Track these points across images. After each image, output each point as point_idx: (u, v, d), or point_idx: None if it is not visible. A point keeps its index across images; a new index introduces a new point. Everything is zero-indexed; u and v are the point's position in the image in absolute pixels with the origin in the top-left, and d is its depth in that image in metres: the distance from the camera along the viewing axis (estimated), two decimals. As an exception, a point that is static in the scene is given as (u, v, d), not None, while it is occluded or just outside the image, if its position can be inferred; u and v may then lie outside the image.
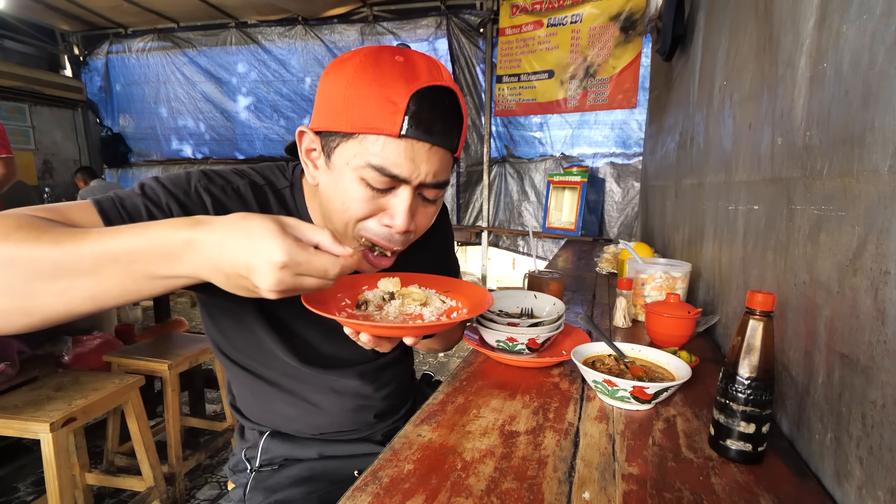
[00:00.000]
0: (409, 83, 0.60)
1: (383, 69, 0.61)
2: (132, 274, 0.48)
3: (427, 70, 0.62)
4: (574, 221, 3.83)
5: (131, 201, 0.63)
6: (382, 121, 0.60)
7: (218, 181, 0.72)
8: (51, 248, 0.47)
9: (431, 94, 0.61)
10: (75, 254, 0.47)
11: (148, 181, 0.67)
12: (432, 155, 0.64)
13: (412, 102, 0.59)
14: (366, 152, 0.62)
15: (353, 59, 0.63)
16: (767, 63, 0.86)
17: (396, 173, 0.63)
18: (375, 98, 0.60)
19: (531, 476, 0.58)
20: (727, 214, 1.10)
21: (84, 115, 5.35)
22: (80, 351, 2.02)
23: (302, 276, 0.50)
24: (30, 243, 0.47)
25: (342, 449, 0.91)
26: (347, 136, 0.63)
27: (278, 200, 0.77)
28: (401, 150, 0.61)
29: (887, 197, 0.47)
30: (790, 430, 0.70)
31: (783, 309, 0.72)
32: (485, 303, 0.74)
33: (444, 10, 4.25)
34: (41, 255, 0.46)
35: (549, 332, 0.92)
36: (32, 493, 1.94)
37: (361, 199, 0.65)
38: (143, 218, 0.62)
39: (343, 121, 0.62)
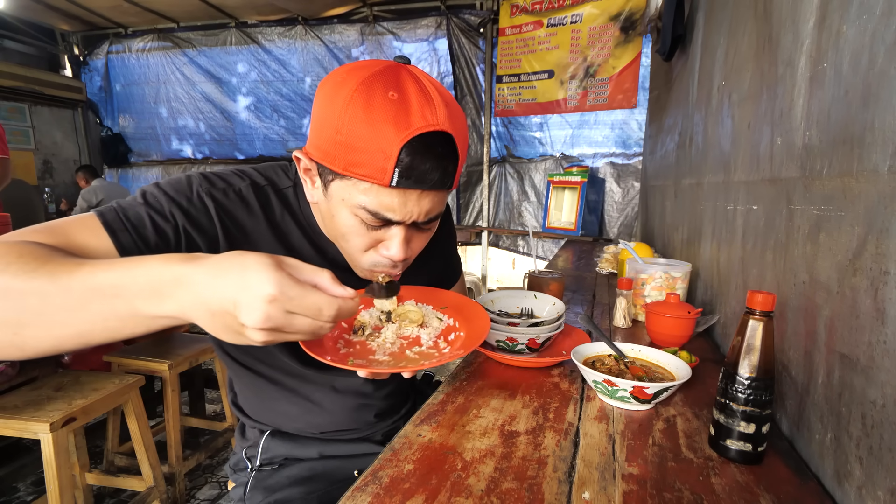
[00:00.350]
0: (400, 130, 0.57)
1: (373, 110, 0.58)
2: (116, 309, 0.46)
3: (420, 111, 0.58)
4: (574, 221, 3.83)
5: (134, 211, 0.63)
6: (373, 171, 0.59)
7: (219, 184, 0.72)
8: (44, 282, 0.46)
9: (423, 142, 0.58)
10: (65, 288, 0.46)
11: (150, 189, 0.67)
12: (423, 198, 0.63)
13: (403, 153, 0.58)
14: (359, 195, 0.62)
15: (345, 88, 0.59)
16: (767, 63, 0.86)
17: (388, 217, 0.63)
18: (365, 147, 0.58)
19: (531, 476, 0.58)
20: (726, 214, 1.10)
21: (84, 115, 5.35)
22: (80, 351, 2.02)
23: (293, 313, 0.45)
24: (25, 276, 0.46)
25: (342, 449, 0.91)
26: (340, 175, 0.63)
27: (281, 200, 0.76)
28: (392, 197, 0.61)
29: (887, 197, 0.47)
30: (790, 430, 0.70)
31: (783, 309, 0.72)
32: (483, 330, 0.74)
33: (444, 10, 4.24)
34: (34, 289, 0.46)
35: (549, 332, 0.92)
36: (32, 493, 1.94)
37: (358, 234, 0.67)
38: (148, 228, 0.62)
39: (335, 161, 0.61)
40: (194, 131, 5.25)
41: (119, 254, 0.60)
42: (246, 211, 0.72)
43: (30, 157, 4.85)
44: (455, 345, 0.75)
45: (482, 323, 0.76)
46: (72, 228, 0.58)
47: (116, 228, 0.60)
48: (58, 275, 0.46)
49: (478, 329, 0.75)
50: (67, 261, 0.49)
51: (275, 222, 0.75)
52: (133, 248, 0.61)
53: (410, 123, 0.58)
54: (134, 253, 0.61)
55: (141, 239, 0.62)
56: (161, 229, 0.64)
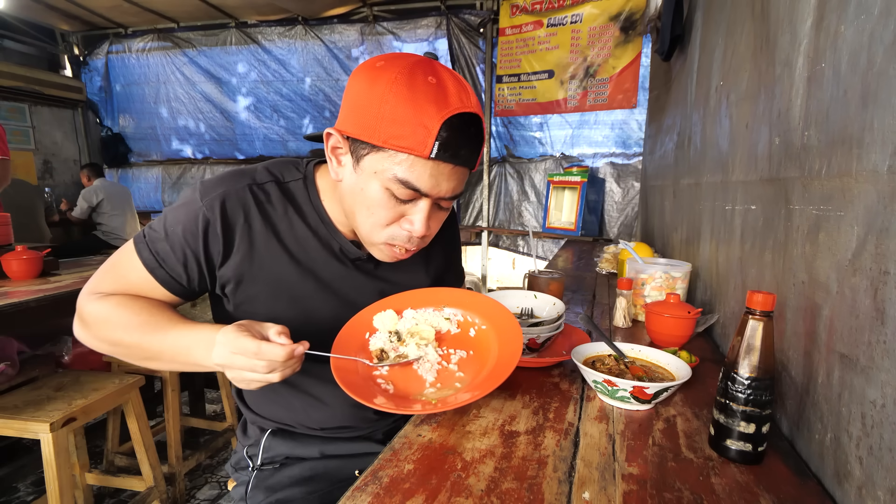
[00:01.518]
0: (441, 109, 0.64)
1: (416, 90, 0.64)
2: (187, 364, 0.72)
3: (457, 94, 0.65)
4: (574, 221, 3.83)
5: (162, 246, 0.75)
6: (414, 142, 0.64)
7: (218, 191, 0.76)
8: (150, 343, 0.72)
9: (460, 120, 0.65)
10: (160, 346, 0.72)
11: (169, 216, 0.76)
12: (454, 174, 0.69)
13: (443, 129, 0.64)
14: (394, 167, 0.67)
15: (387, 72, 0.65)
16: (764, 63, 0.86)
17: (420, 188, 0.68)
18: (409, 120, 0.63)
19: (531, 476, 0.59)
20: (724, 214, 1.10)
21: (84, 115, 5.35)
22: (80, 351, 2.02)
23: (235, 354, 0.64)
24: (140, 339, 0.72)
25: (343, 448, 0.91)
26: (377, 149, 0.67)
27: (284, 195, 0.80)
28: (427, 169, 0.67)
29: (886, 197, 0.47)
30: (790, 430, 0.70)
31: (782, 309, 0.72)
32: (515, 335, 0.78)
33: (444, 11, 4.24)
34: (145, 346, 0.72)
35: (549, 332, 0.92)
36: (32, 493, 1.94)
37: (385, 206, 0.71)
38: (174, 261, 0.75)
39: (375, 135, 0.65)
40: (194, 131, 5.25)
41: (161, 286, 0.76)
42: (242, 213, 0.76)
43: (30, 157, 4.85)
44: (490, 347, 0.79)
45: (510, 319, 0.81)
46: (127, 274, 0.76)
47: (153, 267, 0.75)
48: (155, 336, 0.71)
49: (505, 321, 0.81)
50: (159, 323, 0.72)
51: (273, 219, 0.79)
52: (168, 280, 0.76)
53: (449, 104, 0.64)
54: (169, 282, 0.76)
55: (172, 271, 0.75)
56: (182, 261, 0.75)
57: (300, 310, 0.81)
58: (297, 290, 0.80)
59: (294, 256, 0.79)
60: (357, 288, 0.85)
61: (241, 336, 0.63)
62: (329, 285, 0.82)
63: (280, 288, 0.79)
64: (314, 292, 0.81)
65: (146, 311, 0.73)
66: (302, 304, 0.80)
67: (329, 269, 0.82)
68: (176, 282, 0.76)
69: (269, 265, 0.78)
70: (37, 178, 4.88)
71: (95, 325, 0.74)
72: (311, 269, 0.80)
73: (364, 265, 0.85)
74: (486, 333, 0.82)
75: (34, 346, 1.85)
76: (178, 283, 0.76)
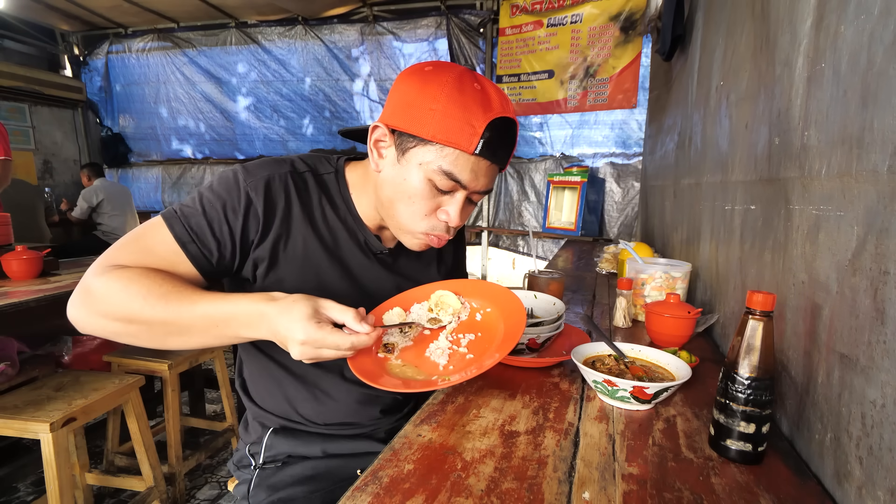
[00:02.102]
0: (487, 112, 0.71)
1: (465, 94, 0.71)
2: (225, 333, 0.69)
3: (499, 101, 0.73)
4: (574, 221, 3.83)
5: (196, 221, 0.74)
6: (461, 139, 0.71)
7: (260, 174, 0.79)
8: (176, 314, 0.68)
9: (502, 124, 0.72)
10: (190, 319, 0.68)
11: (206, 193, 0.76)
12: (490, 171, 0.76)
13: (487, 129, 0.70)
14: (441, 160, 0.73)
15: (438, 76, 0.72)
16: (764, 63, 0.86)
17: (461, 180, 0.74)
18: (458, 119, 0.70)
19: (531, 476, 0.59)
20: (724, 214, 1.10)
21: (84, 115, 5.35)
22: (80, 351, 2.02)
23: (320, 348, 0.65)
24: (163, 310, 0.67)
25: (345, 446, 0.91)
26: (426, 142, 0.73)
27: (319, 185, 0.85)
28: (469, 163, 0.73)
29: (886, 197, 0.47)
30: (790, 430, 0.70)
31: (782, 309, 0.72)
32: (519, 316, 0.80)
33: (444, 11, 4.24)
34: (171, 319, 0.68)
35: (549, 332, 0.92)
36: (32, 493, 1.94)
37: (425, 196, 0.76)
38: (208, 237, 0.74)
39: (426, 129, 0.71)
40: (194, 131, 5.25)
41: (189, 261, 0.74)
42: (284, 197, 0.80)
43: (30, 157, 4.85)
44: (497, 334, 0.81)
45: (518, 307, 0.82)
46: (154, 246, 0.73)
47: (185, 241, 0.73)
48: (182, 308, 0.67)
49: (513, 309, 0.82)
50: (183, 294, 0.68)
51: (311, 206, 0.83)
52: (199, 256, 0.75)
53: (493, 108, 0.71)
54: (199, 259, 0.75)
55: (205, 247, 0.75)
56: (218, 236, 0.75)
57: (324, 295, 0.82)
58: (325, 275, 0.83)
59: (325, 243, 0.83)
60: (377, 280, 0.89)
61: (327, 335, 0.65)
62: (352, 274, 0.86)
63: (309, 272, 0.82)
64: (339, 280, 0.85)
65: (170, 281, 0.70)
66: (327, 290, 0.82)
67: (355, 259, 0.87)
68: (206, 259, 0.75)
69: (302, 249, 0.82)
70: (37, 178, 4.88)
71: (106, 297, 0.67)
72: (339, 257, 0.85)
73: (385, 259, 0.90)
74: (491, 315, 0.85)
75: (34, 346, 1.85)
76: (208, 260, 0.75)
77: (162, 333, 0.69)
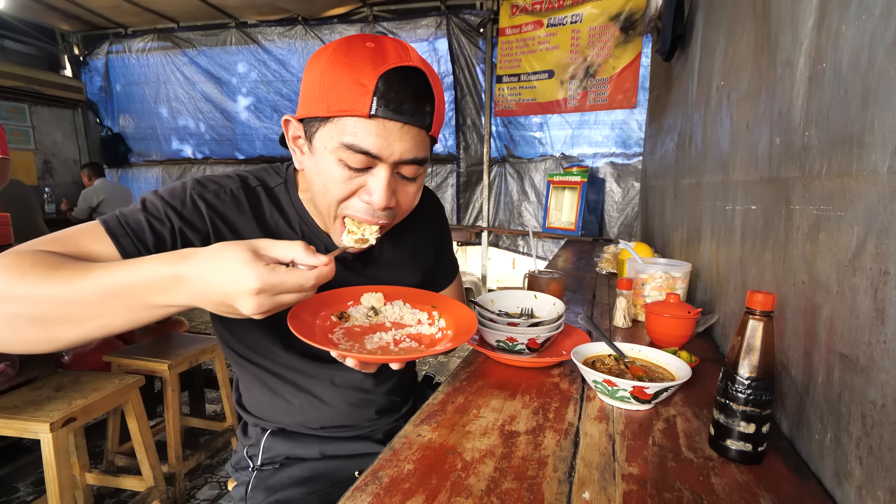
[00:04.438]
0: (378, 66, 0.63)
1: (353, 55, 0.64)
2: (130, 306, 0.54)
3: (395, 53, 0.65)
4: (574, 221, 3.83)
5: (134, 218, 0.67)
6: (353, 102, 0.63)
7: (211, 187, 0.75)
8: (61, 287, 0.53)
9: (399, 74, 0.63)
10: (80, 291, 0.53)
11: (148, 196, 0.71)
12: (405, 133, 0.66)
13: (380, 83, 0.62)
14: (340, 133, 0.65)
15: (329, 48, 0.67)
16: (765, 63, 0.86)
17: (368, 149, 0.65)
18: (346, 82, 0.63)
19: (531, 476, 0.59)
20: (724, 214, 1.10)
21: (84, 115, 5.35)
22: (80, 351, 2.02)
23: (279, 294, 0.53)
24: (42, 283, 0.53)
25: (343, 448, 0.91)
26: (324, 121, 0.66)
27: (270, 199, 0.80)
28: (371, 129, 0.64)
29: (887, 197, 0.47)
30: (790, 430, 0.70)
31: (782, 309, 0.72)
32: (470, 328, 0.75)
33: (444, 10, 4.24)
34: (53, 294, 0.53)
35: (549, 332, 0.92)
36: (32, 493, 1.94)
37: (340, 180, 0.68)
38: (146, 232, 0.67)
39: (320, 106, 0.65)
40: (194, 131, 5.25)
41: (121, 256, 0.64)
42: (236, 210, 0.76)
43: (30, 157, 4.85)
44: (442, 341, 0.76)
45: (468, 320, 0.78)
46: (78, 237, 0.64)
47: (118, 234, 0.65)
48: (70, 280, 0.53)
49: (465, 325, 0.77)
50: (76, 266, 0.55)
51: (264, 220, 0.79)
52: (133, 251, 0.65)
53: (387, 60, 0.63)
54: (134, 255, 0.65)
55: (140, 242, 0.66)
56: (158, 232, 0.68)
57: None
58: None
59: None
60: (346, 285, 0.83)
61: (284, 275, 0.53)
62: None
63: None
64: None
65: (70, 259, 0.58)
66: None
67: None
68: (137, 250, 0.66)
69: None
70: (36, 178, 4.88)
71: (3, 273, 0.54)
72: None
73: (352, 264, 0.86)
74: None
75: (34, 346, 1.85)
76: (139, 252, 0.66)
77: (45, 312, 0.53)
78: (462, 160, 4.50)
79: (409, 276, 0.93)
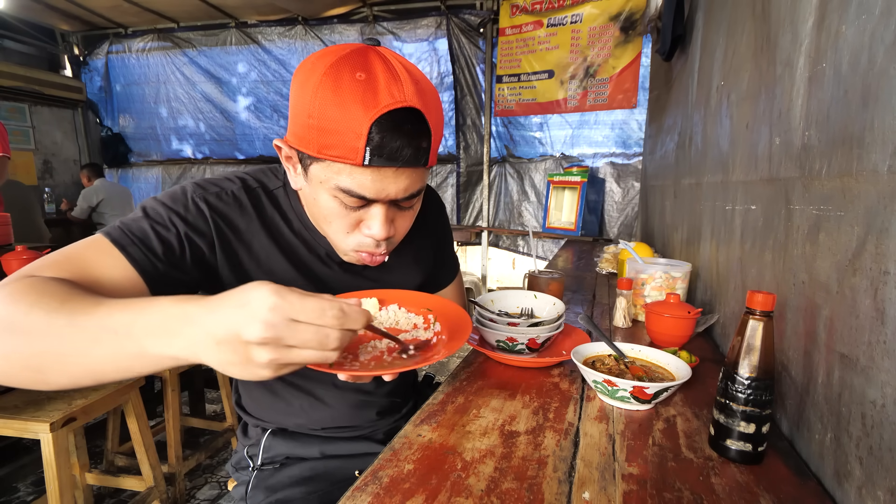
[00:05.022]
0: (368, 109, 0.58)
1: (343, 92, 0.59)
2: (124, 350, 0.47)
3: (387, 89, 0.59)
4: (574, 221, 3.83)
5: (138, 226, 0.65)
6: (345, 151, 0.60)
7: (212, 189, 0.74)
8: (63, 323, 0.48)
9: (392, 120, 0.59)
10: (81, 328, 0.48)
11: (149, 203, 0.70)
12: (399, 175, 0.64)
13: (373, 131, 0.59)
14: (335, 175, 0.63)
15: (314, 74, 0.61)
16: (765, 63, 0.86)
17: (363, 194, 0.64)
18: (336, 129, 0.59)
19: (531, 476, 0.59)
20: (724, 214, 1.10)
21: (84, 115, 5.34)
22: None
23: (295, 321, 0.44)
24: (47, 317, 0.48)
25: (344, 448, 0.91)
26: (316, 159, 0.64)
27: (271, 201, 0.79)
28: (366, 176, 0.62)
29: (887, 197, 0.47)
30: (790, 430, 0.70)
31: (782, 309, 0.72)
32: (465, 332, 0.72)
33: (444, 10, 4.24)
34: (54, 331, 0.48)
35: (549, 332, 0.92)
36: (32, 493, 1.94)
37: (340, 215, 0.68)
38: (152, 239, 0.65)
39: (310, 145, 0.62)
40: (194, 131, 5.25)
41: (133, 266, 0.62)
42: (239, 211, 0.75)
43: (30, 157, 4.85)
44: (437, 346, 0.73)
45: (462, 324, 0.75)
46: (86, 254, 0.61)
47: (125, 244, 0.63)
48: (76, 314, 0.48)
49: (458, 331, 0.74)
50: (86, 300, 0.50)
51: (266, 221, 0.77)
52: (144, 260, 0.63)
53: (378, 102, 0.58)
54: (145, 264, 0.63)
55: (149, 250, 0.64)
56: (164, 238, 0.66)
57: None
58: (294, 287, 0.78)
59: (288, 257, 0.78)
60: (348, 290, 0.83)
61: (305, 295, 0.46)
62: (321, 287, 0.81)
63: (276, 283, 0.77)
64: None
65: (83, 292, 0.53)
66: None
67: (320, 271, 0.81)
68: (151, 262, 0.64)
69: (266, 265, 0.77)
70: (36, 178, 4.87)
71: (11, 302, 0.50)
72: (303, 272, 0.80)
73: (352, 267, 0.84)
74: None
75: (34, 346, 1.85)
76: (153, 264, 0.64)
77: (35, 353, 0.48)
78: (462, 160, 4.50)
79: (412, 277, 0.93)
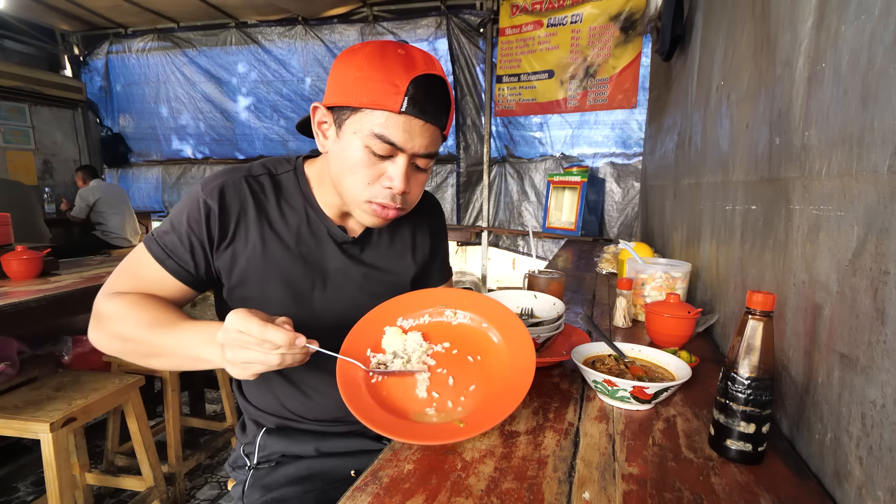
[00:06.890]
0: (409, 71, 0.72)
1: (388, 58, 0.73)
2: (188, 357, 0.73)
3: (423, 61, 0.75)
4: (574, 221, 3.83)
5: (169, 239, 0.80)
6: (386, 99, 0.72)
7: (214, 183, 0.82)
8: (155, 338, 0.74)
9: (427, 80, 0.73)
10: (164, 343, 0.74)
11: (173, 213, 0.83)
12: (425, 130, 0.76)
13: (411, 86, 0.72)
14: (371, 123, 0.74)
15: (364, 49, 0.75)
16: (765, 63, 0.86)
17: (394, 141, 0.74)
18: (381, 80, 0.72)
19: (531, 476, 0.59)
20: (724, 214, 1.10)
21: (84, 115, 5.34)
22: (80, 351, 2.01)
23: (241, 332, 0.63)
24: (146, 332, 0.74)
25: (339, 444, 0.91)
26: (356, 110, 0.74)
27: (274, 185, 0.87)
28: (399, 123, 0.73)
29: (886, 197, 0.47)
30: (790, 430, 0.70)
31: (782, 309, 0.72)
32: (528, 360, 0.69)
33: (444, 10, 4.24)
34: (151, 341, 0.75)
35: (549, 332, 0.92)
36: (32, 493, 1.94)
37: (364, 164, 0.77)
38: (180, 250, 0.80)
39: (353, 97, 0.73)
40: (194, 131, 5.25)
41: (173, 276, 0.81)
42: (238, 201, 0.83)
43: (30, 157, 4.85)
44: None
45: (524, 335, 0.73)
46: (140, 272, 0.81)
47: (162, 259, 0.80)
48: (163, 335, 0.74)
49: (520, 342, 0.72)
50: (166, 319, 0.75)
51: (266, 207, 0.85)
52: (179, 270, 0.80)
53: (416, 67, 0.73)
54: (181, 274, 0.81)
55: (180, 259, 0.80)
56: (189, 246, 0.80)
57: (289, 291, 0.85)
58: (288, 272, 0.84)
59: (284, 242, 0.85)
60: (343, 271, 0.89)
61: (249, 317, 0.63)
62: (317, 268, 0.87)
63: (272, 270, 0.84)
64: (303, 275, 0.85)
65: (156, 308, 0.77)
66: (292, 287, 0.85)
67: (318, 252, 0.87)
68: (185, 270, 0.81)
69: (261, 249, 0.83)
70: (36, 179, 4.88)
71: (109, 321, 0.77)
72: (300, 253, 0.86)
73: (350, 248, 0.90)
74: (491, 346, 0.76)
75: (34, 346, 1.85)
76: (187, 271, 0.81)
77: (147, 354, 0.76)
78: (462, 160, 4.50)
79: (405, 267, 0.96)
